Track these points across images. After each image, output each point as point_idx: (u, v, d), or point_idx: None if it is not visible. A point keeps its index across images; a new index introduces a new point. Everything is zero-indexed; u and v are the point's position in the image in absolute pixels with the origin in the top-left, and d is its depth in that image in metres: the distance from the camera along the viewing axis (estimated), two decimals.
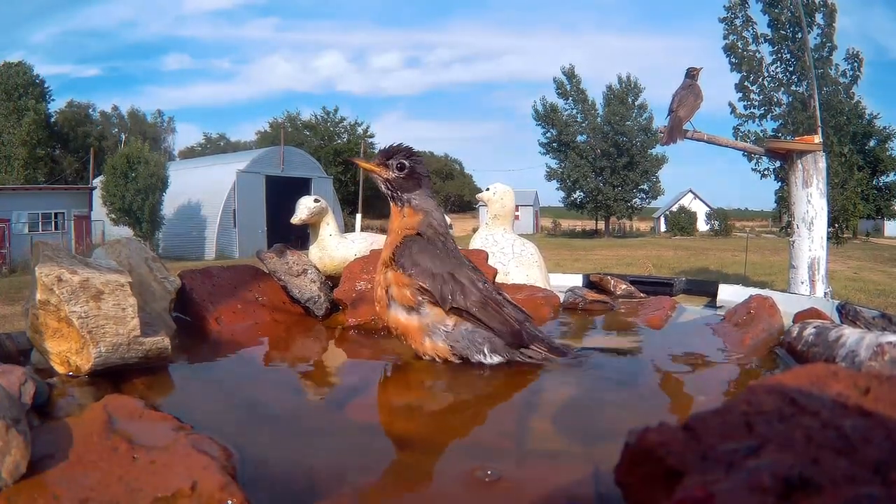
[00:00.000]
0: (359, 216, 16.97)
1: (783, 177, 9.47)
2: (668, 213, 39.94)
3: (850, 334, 0.81)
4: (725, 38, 10.65)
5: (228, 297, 1.18)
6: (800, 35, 9.53)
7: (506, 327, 0.86)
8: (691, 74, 4.46)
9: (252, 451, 0.58)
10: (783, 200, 10.75)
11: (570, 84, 30.22)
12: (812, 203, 4.66)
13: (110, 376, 0.81)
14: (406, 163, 0.94)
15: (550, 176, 31.55)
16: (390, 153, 0.95)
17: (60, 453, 0.50)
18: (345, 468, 0.56)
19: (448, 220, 1.77)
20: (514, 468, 0.57)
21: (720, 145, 5.03)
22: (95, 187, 20.15)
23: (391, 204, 0.97)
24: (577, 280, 1.70)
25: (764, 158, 9.89)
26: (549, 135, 30.75)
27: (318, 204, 1.78)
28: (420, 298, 0.87)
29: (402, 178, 0.94)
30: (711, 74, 4.72)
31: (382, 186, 0.96)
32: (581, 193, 31.48)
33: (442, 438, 0.65)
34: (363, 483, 0.54)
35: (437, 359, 0.88)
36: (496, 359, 0.87)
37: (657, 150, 29.87)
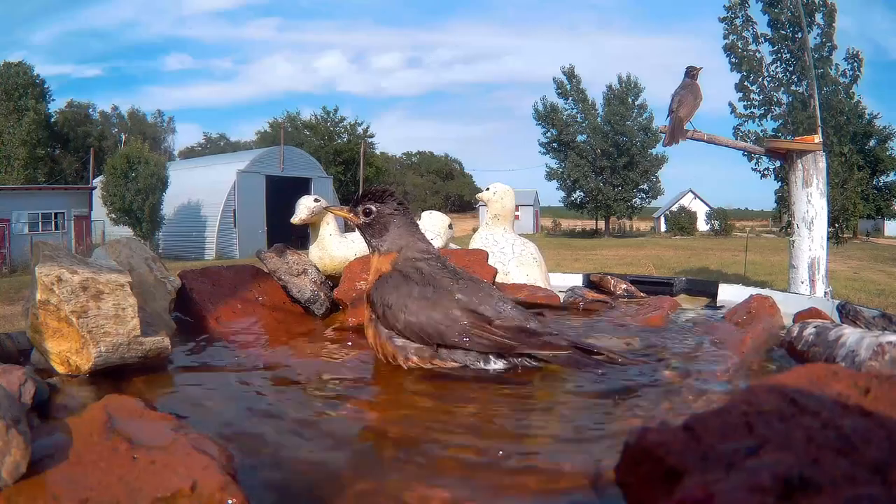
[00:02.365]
0: None
1: (783, 176, 9.48)
2: (668, 212, 39.96)
3: (850, 334, 0.81)
4: (725, 37, 10.67)
5: (228, 297, 1.18)
6: (800, 35, 9.54)
7: (492, 346, 0.85)
8: (691, 74, 4.45)
9: (252, 451, 0.58)
10: (783, 200, 10.77)
11: (570, 84, 30.23)
12: (812, 203, 4.66)
13: (110, 376, 0.81)
14: (372, 208, 0.95)
15: (550, 176, 31.56)
16: (360, 199, 0.97)
17: (60, 453, 0.50)
18: (345, 468, 0.56)
19: (447, 219, 1.77)
20: (513, 468, 0.57)
21: (720, 145, 5.03)
22: (95, 187, 20.16)
23: (368, 248, 0.99)
24: (577, 280, 1.70)
25: (764, 158, 9.90)
26: (549, 135, 30.76)
27: (319, 203, 1.78)
28: (400, 343, 0.88)
29: (369, 224, 0.96)
30: (711, 74, 4.72)
31: (357, 232, 0.98)
32: (581, 193, 31.49)
33: (441, 438, 0.65)
34: (363, 483, 0.54)
35: (429, 366, 0.87)
36: (499, 365, 0.86)
37: (657, 149, 29.91)
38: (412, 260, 0.94)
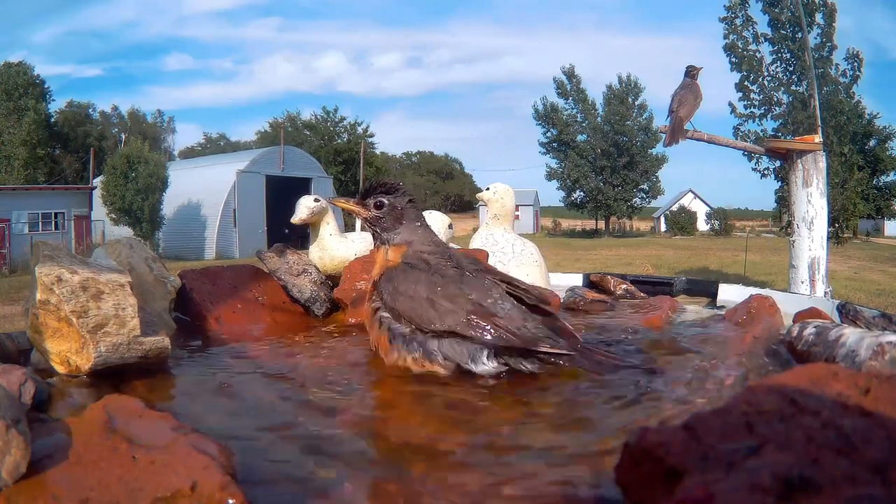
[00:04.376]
0: None
1: (783, 176, 9.48)
2: (668, 212, 39.94)
3: (850, 334, 0.81)
4: (725, 37, 10.67)
5: (228, 297, 1.18)
6: (800, 35, 9.53)
7: (497, 339, 0.82)
8: (691, 73, 4.45)
9: (252, 452, 0.58)
10: (783, 200, 10.77)
11: (570, 84, 30.24)
12: (812, 203, 4.66)
13: (110, 376, 0.81)
14: (384, 200, 0.93)
15: (550, 176, 31.56)
16: (368, 191, 0.95)
17: (60, 453, 0.50)
18: (344, 468, 0.56)
19: (447, 219, 1.77)
20: (512, 468, 0.57)
21: (720, 145, 5.03)
22: (95, 187, 20.16)
23: (373, 242, 0.97)
24: (577, 280, 1.70)
25: (764, 158, 9.91)
26: (549, 135, 30.77)
27: (319, 203, 1.78)
28: (395, 326, 0.87)
29: (381, 217, 0.93)
30: (711, 74, 4.73)
31: (365, 225, 0.95)
32: (581, 193, 31.49)
33: (440, 438, 0.65)
34: (362, 483, 0.54)
35: (419, 369, 0.86)
36: (494, 365, 0.84)
37: (657, 149, 29.92)
38: (421, 253, 0.93)
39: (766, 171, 10.85)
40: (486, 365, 0.84)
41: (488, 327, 0.83)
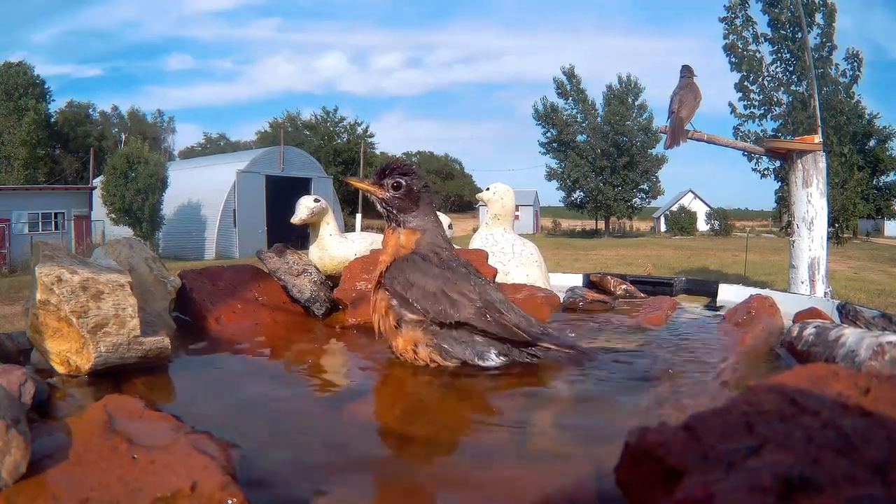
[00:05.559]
0: (359, 216, 16.96)
1: (783, 176, 9.47)
2: (668, 212, 39.93)
3: (850, 334, 0.81)
4: (725, 38, 10.64)
5: (228, 297, 1.18)
6: (800, 35, 9.53)
7: (506, 332, 0.85)
8: (689, 71, 4.46)
9: (252, 451, 0.58)
10: (783, 200, 10.74)
11: (570, 84, 30.23)
12: (812, 203, 4.66)
13: (110, 376, 0.81)
14: (402, 181, 0.91)
15: (550, 176, 31.56)
16: (385, 171, 0.92)
17: (60, 453, 0.50)
18: (344, 468, 0.56)
19: (447, 219, 1.77)
20: (514, 468, 0.57)
21: (720, 145, 5.03)
22: (95, 187, 20.15)
23: (386, 224, 0.94)
24: (577, 280, 1.70)
25: (764, 158, 9.89)
26: (549, 135, 30.76)
27: (319, 204, 1.78)
28: (409, 317, 0.87)
29: (399, 198, 0.92)
30: (711, 74, 4.75)
31: (379, 206, 0.93)
32: (581, 193, 31.49)
33: (441, 438, 0.65)
34: (363, 483, 0.54)
35: (432, 364, 0.87)
36: (499, 360, 0.86)
37: (657, 149, 29.90)
38: (432, 245, 0.93)
39: (766, 172, 10.83)
40: (494, 360, 0.86)
41: (500, 321, 0.85)
